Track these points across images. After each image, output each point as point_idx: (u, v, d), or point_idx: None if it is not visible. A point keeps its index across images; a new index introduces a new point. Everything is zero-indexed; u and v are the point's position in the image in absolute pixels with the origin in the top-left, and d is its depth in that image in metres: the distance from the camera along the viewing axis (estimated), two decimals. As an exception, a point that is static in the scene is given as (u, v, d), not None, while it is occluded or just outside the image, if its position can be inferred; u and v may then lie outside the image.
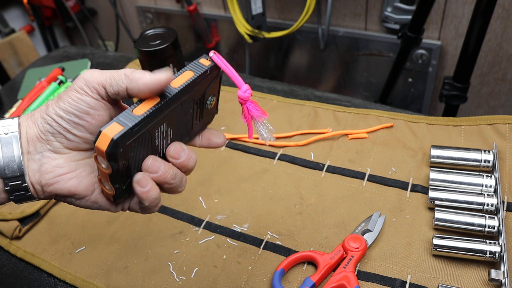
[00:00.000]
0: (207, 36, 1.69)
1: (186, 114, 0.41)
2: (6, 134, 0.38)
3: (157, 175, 0.39)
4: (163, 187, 0.40)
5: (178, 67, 0.72)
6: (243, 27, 1.39)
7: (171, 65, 0.72)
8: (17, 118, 0.39)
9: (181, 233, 0.63)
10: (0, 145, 0.37)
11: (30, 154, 0.38)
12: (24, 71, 1.10)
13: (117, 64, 1.04)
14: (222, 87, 0.88)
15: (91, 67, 1.05)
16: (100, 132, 0.35)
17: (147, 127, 0.37)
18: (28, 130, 0.38)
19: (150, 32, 0.72)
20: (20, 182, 0.38)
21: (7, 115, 0.92)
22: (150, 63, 0.71)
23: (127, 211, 0.43)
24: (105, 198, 0.41)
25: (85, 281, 0.59)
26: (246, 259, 0.58)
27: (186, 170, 0.41)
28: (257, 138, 0.41)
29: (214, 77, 0.42)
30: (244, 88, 0.41)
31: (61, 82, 0.94)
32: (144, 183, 0.38)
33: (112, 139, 0.35)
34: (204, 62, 0.41)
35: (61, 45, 2.13)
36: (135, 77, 0.37)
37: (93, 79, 0.38)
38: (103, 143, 0.35)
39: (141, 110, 0.37)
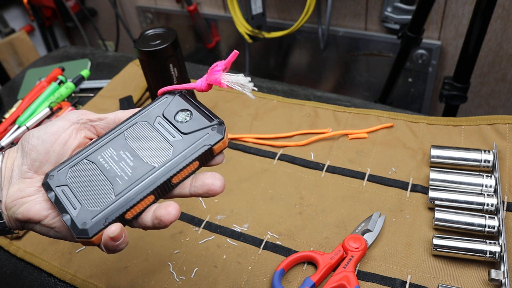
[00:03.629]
0: (207, 36, 1.69)
1: (147, 135, 0.40)
2: None
3: (121, 242, 0.36)
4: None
5: (178, 67, 0.72)
6: (243, 27, 1.39)
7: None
8: (1, 153, 0.42)
9: (181, 233, 0.63)
10: None
11: (5, 180, 0.40)
12: (24, 71, 1.10)
13: (117, 64, 1.04)
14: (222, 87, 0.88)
15: (91, 67, 1.05)
16: None
17: (82, 156, 0.40)
18: (8, 161, 0.41)
19: (150, 32, 0.72)
20: None
21: (7, 115, 0.92)
22: (150, 63, 0.71)
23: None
24: (58, 224, 0.39)
25: (85, 281, 0.59)
26: (246, 259, 0.58)
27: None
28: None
29: (171, 98, 0.42)
30: (198, 84, 0.42)
31: (61, 82, 0.94)
32: (118, 237, 0.35)
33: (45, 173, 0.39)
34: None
35: (61, 45, 2.13)
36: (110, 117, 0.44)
37: (81, 112, 0.43)
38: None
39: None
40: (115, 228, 0.35)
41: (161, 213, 0.36)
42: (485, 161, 0.61)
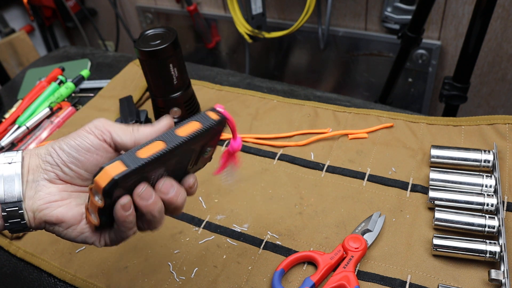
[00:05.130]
0: (207, 36, 1.69)
1: (183, 161, 0.42)
2: (10, 163, 0.40)
3: (147, 203, 0.39)
4: (144, 218, 0.41)
5: (178, 67, 0.72)
6: (243, 27, 1.39)
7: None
8: (21, 151, 0.42)
9: (181, 233, 0.63)
10: (2, 173, 0.40)
11: (28, 182, 0.40)
12: (24, 71, 1.10)
13: (117, 64, 1.04)
14: (221, 87, 0.88)
15: (91, 67, 1.05)
16: (102, 168, 0.37)
17: (147, 170, 0.38)
18: (31, 161, 0.41)
19: (150, 32, 0.72)
20: (17, 208, 0.40)
21: (7, 115, 0.92)
22: (150, 63, 0.71)
23: (108, 244, 0.44)
24: (91, 231, 0.42)
25: (85, 281, 0.59)
26: (246, 259, 0.58)
27: (174, 208, 0.42)
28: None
29: (217, 131, 0.43)
30: (238, 141, 0.46)
31: (61, 82, 0.94)
32: (127, 207, 0.39)
33: (113, 178, 0.36)
34: (211, 115, 0.42)
35: (61, 45, 2.13)
36: (141, 129, 0.41)
37: (103, 124, 0.41)
38: (103, 180, 0.36)
39: (146, 153, 0.38)
40: (125, 199, 0.38)
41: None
42: (485, 161, 0.61)
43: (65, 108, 0.90)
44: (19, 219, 0.40)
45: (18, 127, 0.87)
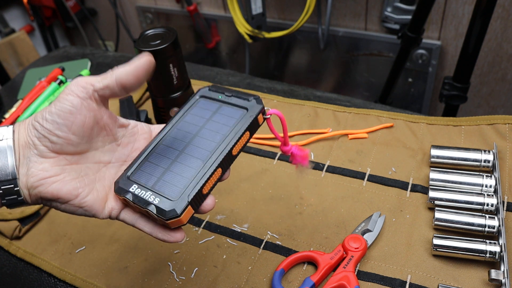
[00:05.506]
0: (207, 36, 1.69)
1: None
2: (1, 140, 0.39)
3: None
4: None
5: (178, 67, 0.72)
6: (243, 27, 1.39)
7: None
8: (11, 126, 0.40)
9: (181, 233, 0.63)
10: None
11: (20, 159, 0.39)
12: (24, 71, 1.10)
13: (117, 64, 1.04)
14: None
15: (91, 67, 1.05)
16: (177, 217, 0.39)
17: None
18: (19, 137, 0.40)
19: (150, 32, 0.72)
20: (12, 186, 0.39)
21: (7, 115, 0.92)
22: (150, 63, 0.71)
23: (116, 220, 0.44)
24: (90, 203, 0.41)
25: (85, 281, 0.59)
26: (246, 259, 0.58)
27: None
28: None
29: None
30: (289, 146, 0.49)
31: (61, 82, 0.94)
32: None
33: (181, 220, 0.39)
34: (260, 119, 0.44)
35: (61, 45, 2.13)
36: (120, 67, 0.41)
37: (82, 79, 0.40)
38: (176, 224, 0.39)
39: (207, 187, 0.41)
40: (211, 201, 0.41)
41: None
42: (485, 161, 0.61)
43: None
44: (16, 196, 0.39)
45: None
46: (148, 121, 0.82)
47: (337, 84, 1.55)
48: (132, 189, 0.41)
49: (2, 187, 0.39)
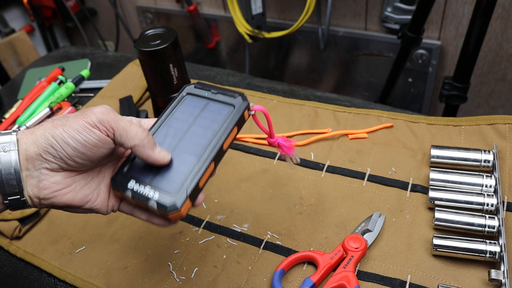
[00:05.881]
0: (207, 36, 1.69)
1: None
2: (5, 152, 0.39)
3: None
4: None
5: (178, 67, 0.72)
6: (243, 27, 1.39)
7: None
8: (14, 133, 0.40)
9: (181, 233, 0.63)
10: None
11: (29, 170, 0.40)
12: (24, 71, 1.10)
13: (117, 64, 1.04)
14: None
15: (91, 67, 1.05)
16: (177, 209, 0.41)
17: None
18: (28, 148, 0.39)
19: (150, 32, 0.72)
20: (19, 197, 0.40)
21: (7, 115, 0.92)
22: (150, 63, 0.71)
23: (118, 211, 0.46)
24: (99, 206, 0.43)
25: (85, 281, 0.59)
26: (246, 259, 0.58)
27: None
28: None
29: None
30: (275, 138, 0.51)
31: (61, 82, 0.94)
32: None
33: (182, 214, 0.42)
34: (246, 115, 0.46)
35: (61, 45, 2.13)
36: (144, 145, 0.42)
37: (107, 120, 0.41)
38: (176, 217, 0.41)
39: (203, 181, 0.43)
40: (202, 194, 0.43)
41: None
42: (485, 161, 0.61)
43: (65, 108, 0.90)
44: (22, 204, 0.40)
45: (18, 127, 0.87)
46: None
47: (337, 84, 1.55)
48: (130, 185, 0.42)
49: (9, 198, 0.39)
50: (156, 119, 0.48)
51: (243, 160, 0.72)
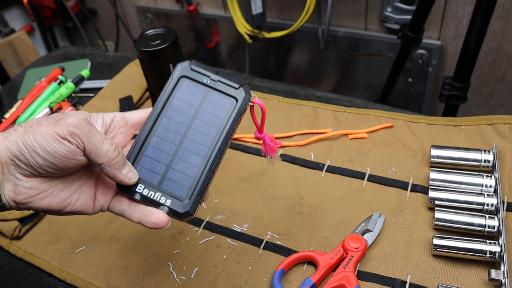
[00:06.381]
0: (207, 36, 1.69)
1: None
2: None
3: None
4: None
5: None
6: (243, 27, 1.39)
7: None
8: None
9: (181, 233, 0.63)
10: None
11: (4, 175, 0.39)
12: (24, 71, 1.10)
13: (117, 64, 1.04)
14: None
15: (91, 67, 1.05)
16: (190, 216, 0.42)
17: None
18: (1, 153, 0.38)
19: (150, 32, 0.72)
20: None
21: (7, 115, 0.92)
22: (150, 63, 0.71)
23: (107, 211, 0.45)
24: (81, 208, 0.42)
25: (85, 281, 0.59)
26: (246, 259, 0.58)
27: None
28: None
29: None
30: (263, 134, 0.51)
31: (61, 82, 0.94)
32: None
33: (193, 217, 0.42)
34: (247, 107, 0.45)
35: (61, 45, 2.13)
36: (111, 165, 0.40)
37: (80, 134, 0.39)
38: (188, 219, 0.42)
39: (210, 183, 0.43)
40: (207, 194, 0.44)
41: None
42: (485, 161, 0.61)
43: (65, 108, 0.90)
44: (1, 208, 0.40)
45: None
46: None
47: (337, 84, 1.55)
48: (139, 189, 0.42)
49: None
50: (146, 109, 0.46)
51: (243, 160, 0.72)
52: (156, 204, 0.41)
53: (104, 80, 0.98)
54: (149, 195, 0.42)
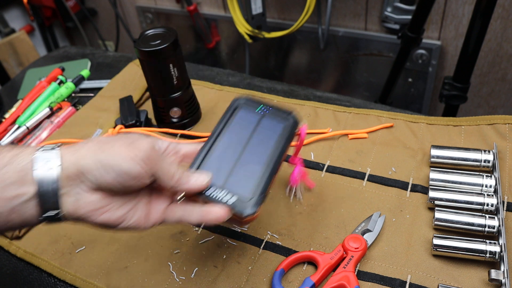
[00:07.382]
0: (207, 36, 1.69)
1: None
2: (48, 168, 0.39)
3: None
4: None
5: (178, 67, 0.72)
6: (243, 27, 1.39)
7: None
8: (58, 149, 0.41)
9: (181, 233, 0.63)
10: (42, 180, 0.39)
11: (67, 188, 0.40)
12: (24, 71, 1.10)
13: (117, 64, 1.04)
14: (221, 87, 0.88)
15: (91, 67, 1.05)
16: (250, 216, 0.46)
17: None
18: (69, 167, 0.40)
19: (150, 32, 0.72)
20: (56, 213, 0.40)
21: (7, 115, 0.92)
22: (150, 63, 0.71)
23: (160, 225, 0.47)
24: (134, 224, 0.44)
25: (85, 281, 0.59)
26: (246, 259, 0.58)
27: None
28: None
29: None
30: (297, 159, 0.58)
31: (61, 82, 0.94)
32: None
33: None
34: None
35: (61, 45, 2.13)
36: (180, 184, 0.44)
37: (150, 160, 0.42)
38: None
39: (270, 188, 0.48)
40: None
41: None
42: (485, 161, 0.61)
43: (65, 108, 0.90)
44: (57, 220, 0.41)
45: (18, 127, 0.87)
46: (148, 121, 0.82)
47: (337, 84, 1.55)
48: (207, 191, 0.46)
49: (44, 216, 0.40)
50: (198, 142, 0.50)
51: (243, 160, 0.72)
52: (221, 202, 0.45)
53: (104, 80, 0.98)
54: (214, 195, 0.46)
